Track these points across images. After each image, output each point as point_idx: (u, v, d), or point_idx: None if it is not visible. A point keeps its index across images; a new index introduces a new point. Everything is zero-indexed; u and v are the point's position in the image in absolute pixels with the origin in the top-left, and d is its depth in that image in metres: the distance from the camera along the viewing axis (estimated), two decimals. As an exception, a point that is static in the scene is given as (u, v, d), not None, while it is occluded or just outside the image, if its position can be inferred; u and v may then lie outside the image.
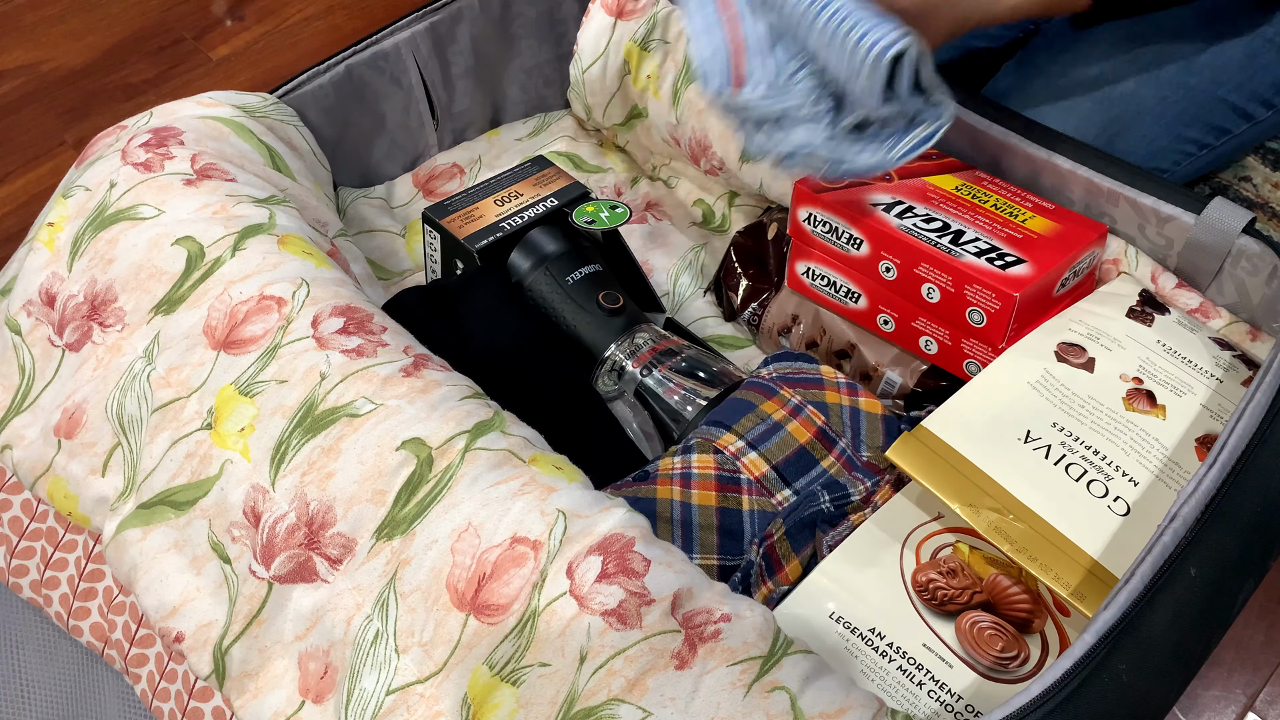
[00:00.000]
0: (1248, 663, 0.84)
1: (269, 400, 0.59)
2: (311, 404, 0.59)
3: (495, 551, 0.53)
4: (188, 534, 0.59)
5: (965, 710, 0.54)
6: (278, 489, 0.57)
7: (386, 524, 0.55)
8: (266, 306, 0.63)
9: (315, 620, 0.55)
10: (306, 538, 0.56)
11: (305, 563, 0.56)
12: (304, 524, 0.56)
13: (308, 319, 0.62)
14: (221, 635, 0.57)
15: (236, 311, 0.62)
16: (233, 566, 0.57)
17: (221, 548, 0.58)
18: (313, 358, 0.60)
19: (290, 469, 0.57)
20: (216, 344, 0.62)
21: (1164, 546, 0.50)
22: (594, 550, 0.52)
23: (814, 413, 0.70)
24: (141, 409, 0.62)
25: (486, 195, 0.86)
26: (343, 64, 0.88)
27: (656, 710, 0.48)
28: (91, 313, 0.66)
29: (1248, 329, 0.70)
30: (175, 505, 0.59)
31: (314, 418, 0.58)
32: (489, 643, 0.51)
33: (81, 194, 0.70)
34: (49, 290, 0.68)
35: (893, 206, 0.73)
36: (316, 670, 0.55)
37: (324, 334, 0.62)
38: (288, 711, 0.55)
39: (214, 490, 0.58)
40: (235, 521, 0.57)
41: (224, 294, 0.63)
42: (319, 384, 0.59)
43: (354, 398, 0.58)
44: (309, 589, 0.55)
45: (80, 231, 0.68)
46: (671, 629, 0.50)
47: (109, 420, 0.62)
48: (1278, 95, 0.85)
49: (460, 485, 0.55)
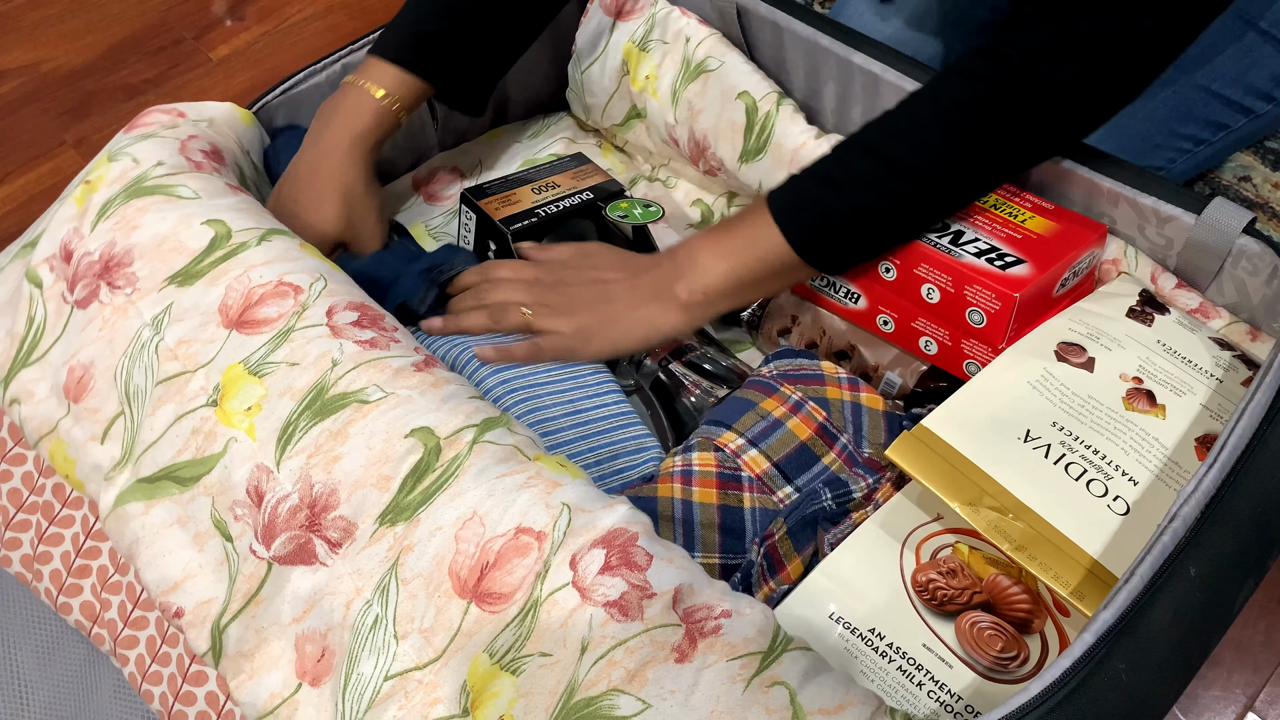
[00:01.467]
0: (1248, 663, 0.84)
1: (278, 381, 0.60)
2: (322, 388, 0.59)
3: (499, 541, 0.53)
4: (191, 510, 0.59)
5: (965, 710, 0.54)
6: (282, 470, 0.57)
7: (390, 509, 0.55)
8: (283, 292, 0.63)
9: (313, 603, 0.55)
10: (308, 519, 0.56)
11: (305, 544, 0.56)
12: (306, 505, 0.56)
13: (323, 308, 0.63)
14: (220, 613, 0.57)
15: (253, 293, 0.63)
16: (234, 545, 0.57)
17: (224, 525, 0.58)
18: (326, 344, 0.61)
19: (296, 450, 0.57)
20: (229, 322, 0.62)
21: (1163, 546, 0.50)
22: (597, 543, 0.52)
23: (815, 409, 0.70)
24: (147, 379, 0.62)
25: (524, 183, 0.88)
26: (339, 63, 0.88)
27: (656, 702, 0.48)
28: (103, 271, 0.66)
29: (1248, 329, 0.70)
30: (179, 481, 0.59)
31: (323, 401, 0.58)
32: (490, 631, 0.51)
33: (128, 162, 0.70)
34: (68, 245, 0.68)
35: (892, 206, 0.73)
36: (314, 653, 0.55)
37: (338, 324, 0.62)
38: (284, 694, 0.55)
39: (218, 468, 0.58)
40: (238, 500, 0.58)
41: (243, 275, 0.64)
42: (330, 369, 0.59)
43: (365, 384, 0.59)
44: (308, 571, 0.55)
45: (113, 196, 0.68)
46: (672, 622, 0.51)
47: (116, 387, 0.62)
48: (1278, 88, 0.84)
49: (467, 475, 0.55)
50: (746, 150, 0.88)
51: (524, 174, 0.90)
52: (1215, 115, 0.85)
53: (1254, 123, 0.87)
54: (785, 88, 0.88)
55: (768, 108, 0.86)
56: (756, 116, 0.86)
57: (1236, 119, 0.86)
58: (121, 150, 0.71)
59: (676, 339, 0.75)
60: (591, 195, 0.88)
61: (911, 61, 0.80)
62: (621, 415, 0.75)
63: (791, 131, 0.85)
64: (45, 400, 0.65)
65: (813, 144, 0.84)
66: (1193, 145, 0.86)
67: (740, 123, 0.87)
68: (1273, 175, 0.98)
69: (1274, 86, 0.84)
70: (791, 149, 0.85)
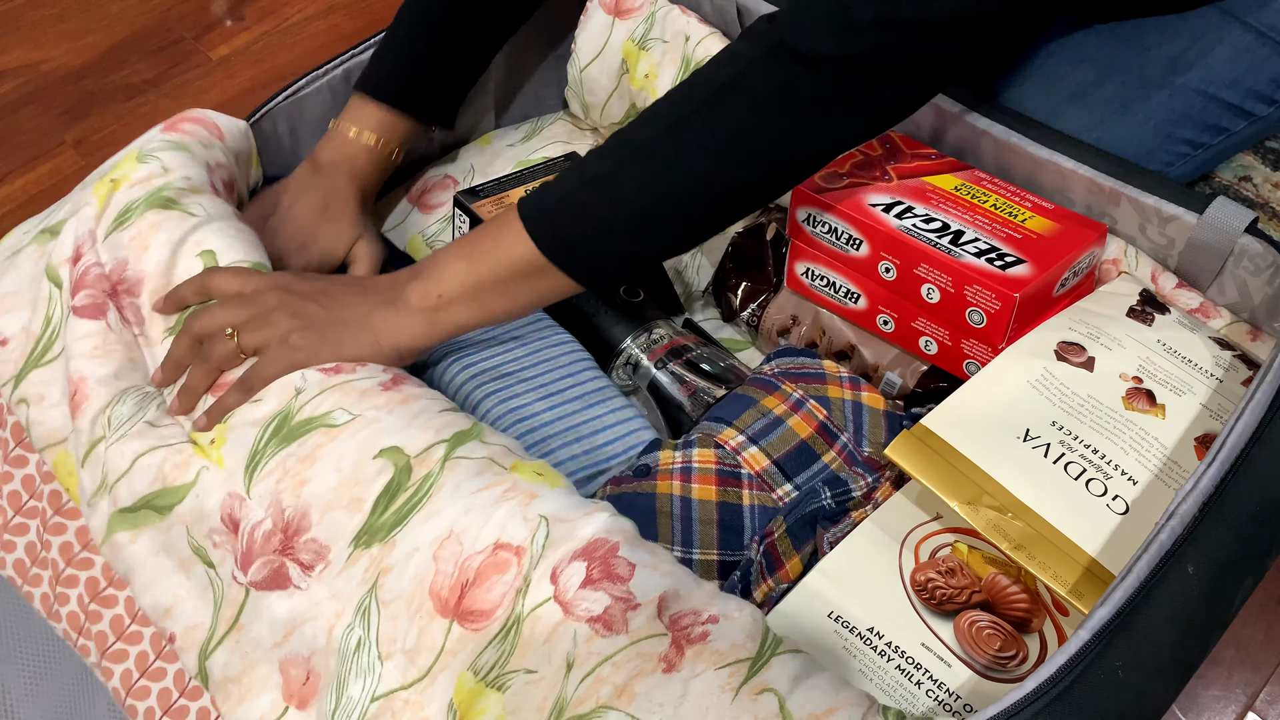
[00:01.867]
0: (1248, 662, 0.84)
1: (241, 415, 0.60)
2: (286, 415, 0.59)
3: (478, 558, 0.53)
4: (170, 538, 0.59)
5: (964, 709, 0.54)
6: (253, 495, 0.57)
7: (364, 532, 0.55)
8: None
9: (291, 628, 0.55)
10: (281, 544, 0.56)
11: (279, 569, 0.56)
12: (279, 530, 0.56)
13: None
14: (207, 639, 0.57)
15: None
16: (216, 571, 0.58)
17: (204, 552, 0.58)
18: (288, 376, 0.61)
19: (264, 474, 0.57)
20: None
21: (1161, 544, 0.50)
22: (578, 555, 0.52)
23: (815, 407, 0.70)
24: (133, 417, 0.62)
25: (518, 185, 0.88)
26: (340, 68, 0.88)
27: (645, 716, 0.48)
28: (112, 294, 0.66)
29: (1248, 329, 0.70)
30: (157, 510, 0.59)
31: (289, 428, 0.58)
32: (473, 649, 0.51)
33: (156, 167, 0.71)
34: (80, 248, 0.68)
35: (892, 206, 0.73)
36: (299, 676, 0.55)
37: None
38: (272, 716, 0.55)
39: (189, 497, 0.58)
40: (214, 528, 0.58)
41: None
42: (294, 398, 0.60)
43: (331, 408, 0.59)
44: (283, 596, 0.56)
45: (135, 202, 0.68)
46: (658, 632, 0.50)
47: (104, 415, 0.62)
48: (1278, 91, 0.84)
49: (442, 493, 0.55)
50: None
51: (517, 175, 0.89)
52: (1214, 119, 0.84)
53: (1254, 125, 0.86)
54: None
55: None
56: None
57: (1236, 122, 0.85)
58: (153, 153, 0.71)
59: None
60: None
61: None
62: (599, 390, 0.74)
63: None
64: (56, 406, 0.65)
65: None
66: (1191, 149, 0.85)
67: None
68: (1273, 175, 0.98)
69: (1275, 89, 0.84)
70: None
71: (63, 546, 0.64)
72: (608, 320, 0.80)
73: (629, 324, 0.79)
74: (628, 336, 0.79)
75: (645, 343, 0.78)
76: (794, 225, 0.78)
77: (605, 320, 0.80)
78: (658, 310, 0.82)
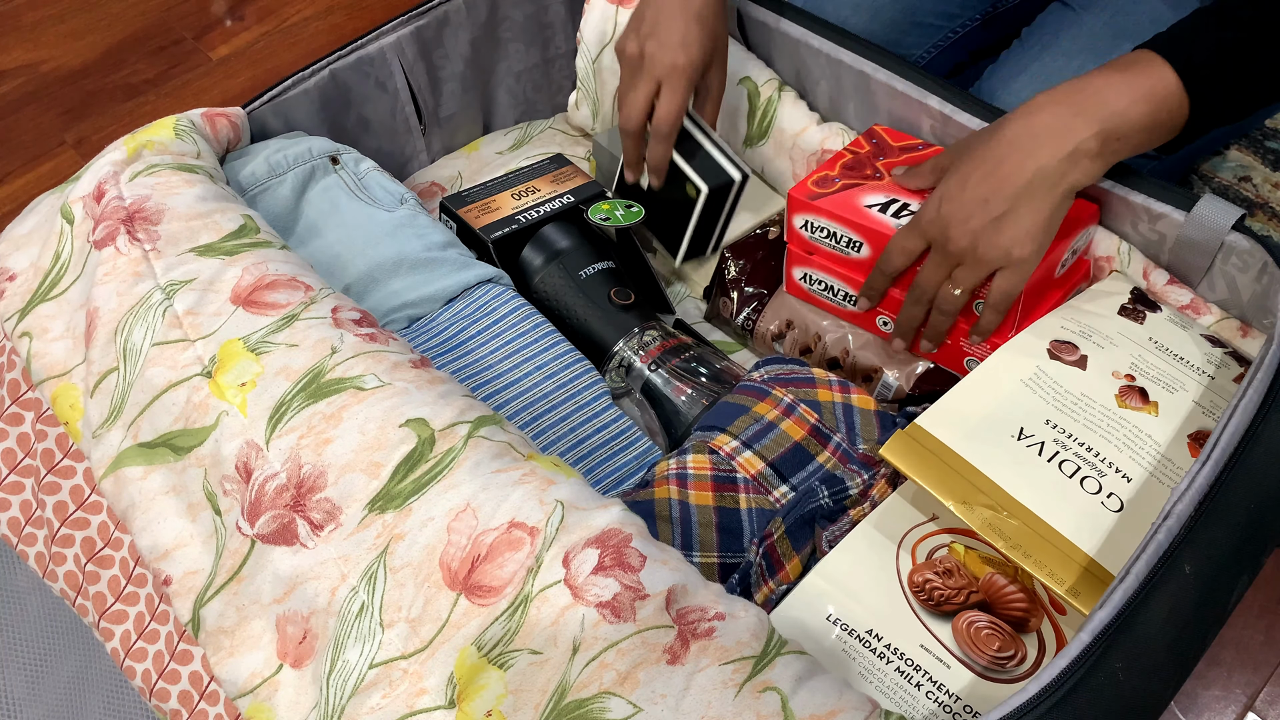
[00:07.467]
0: (1248, 663, 0.84)
1: (275, 361, 0.60)
2: (319, 371, 0.59)
3: (492, 534, 0.53)
4: (184, 479, 0.59)
5: (963, 710, 0.54)
6: (272, 448, 0.57)
7: (380, 497, 0.55)
8: (295, 285, 0.64)
9: (293, 585, 0.55)
10: (293, 499, 0.56)
11: (288, 524, 0.56)
12: (293, 485, 0.56)
13: (329, 306, 0.63)
14: (205, 586, 0.56)
15: (267, 278, 0.64)
16: (222, 519, 0.57)
17: (214, 498, 0.58)
18: (326, 331, 0.61)
19: (287, 429, 0.57)
20: (238, 299, 0.63)
21: (1158, 544, 0.50)
22: (591, 543, 0.52)
23: (807, 411, 0.70)
24: (145, 340, 0.62)
25: (504, 189, 0.88)
26: (327, 69, 0.88)
27: (647, 706, 0.48)
28: (127, 219, 0.66)
29: (1238, 325, 0.70)
30: (175, 449, 0.59)
31: (319, 385, 0.58)
32: (479, 624, 0.51)
33: (190, 145, 0.72)
34: (102, 185, 0.68)
35: (889, 205, 0.73)
36: (295, 635, 0.54)
37: (342, 319, 0.63)
38: (265, 673, 0.55)
39: (209, 440, 0.58)
40: (227, 475, 0.58)
41: (263, 263, 0.65)
42: (329, 355, 0.60)
43: (363, 372, 0.59)
44: (288, 552, 0.55)
45: (163, 161, 0.69)
46: (665, 624, 0.50)
47: (115, 343, 0.62)
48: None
49: (463, 468, 0.55)
50: (750, 135, 0.88)
51: (503, 179, 0.89)
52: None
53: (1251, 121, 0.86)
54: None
55: (770, 93, 0.86)
56: (759, 102, 0.86)
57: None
58: (190, 132, 0.73)
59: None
60: (572, 198, 0.87)
61: (900, 60, 0.80)
62: (614, 423, 0.75)
63: (793, 116, 0.85)
64: (59, 340, 0.65)
65: (814, 129, 0.84)
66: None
67: (743, 108, 0.87)
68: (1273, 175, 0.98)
69: None
70: (793, 134, 0.85)
71: (57, 506, 0.64)
72: (599, 323, 0.79)
73: (621, 326, 0.79)
74: (620, 339, 0.78)
75: (638, 344, 0.78)
76: (791, 232, 0.77)
77: (597, 323, 0.79)
78: (650, 312, 0.81)
